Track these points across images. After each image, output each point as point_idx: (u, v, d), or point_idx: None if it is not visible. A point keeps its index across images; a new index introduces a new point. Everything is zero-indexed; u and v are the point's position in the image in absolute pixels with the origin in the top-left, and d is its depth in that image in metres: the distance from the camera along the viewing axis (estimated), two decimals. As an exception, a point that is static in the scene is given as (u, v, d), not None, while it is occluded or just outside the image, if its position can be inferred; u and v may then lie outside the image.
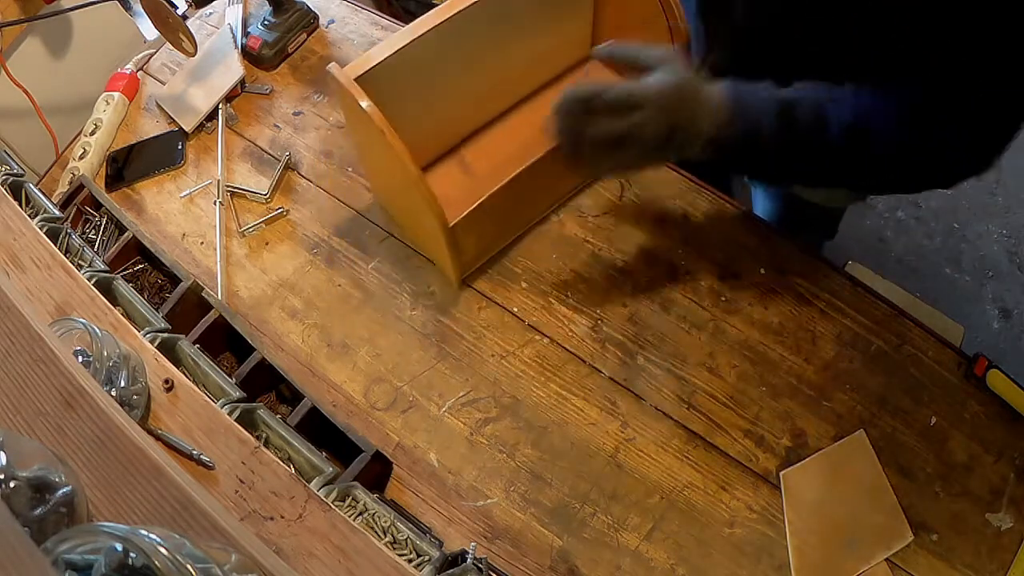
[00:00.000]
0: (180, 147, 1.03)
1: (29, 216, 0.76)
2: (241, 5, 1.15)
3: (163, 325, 0.75)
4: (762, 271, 0.88)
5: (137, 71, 1.11)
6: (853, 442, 0.78)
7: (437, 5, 0.78)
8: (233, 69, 1.06)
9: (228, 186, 0.99)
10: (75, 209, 0.91)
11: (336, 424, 0.74)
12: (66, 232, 0.82)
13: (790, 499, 0.76)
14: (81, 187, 0.92)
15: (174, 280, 0.83)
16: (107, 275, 0.77)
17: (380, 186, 0.95)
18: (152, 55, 1.14)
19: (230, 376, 0.74)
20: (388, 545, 0.64)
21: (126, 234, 0.86)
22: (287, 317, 0.90)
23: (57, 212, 0.84)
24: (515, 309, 0.88)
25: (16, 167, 0.89)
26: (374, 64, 0.75)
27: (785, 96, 0.64)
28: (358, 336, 0.88)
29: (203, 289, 0.83)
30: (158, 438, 0.61)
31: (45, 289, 0.69)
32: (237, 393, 0.71)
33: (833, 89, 0.65)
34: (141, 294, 0.80)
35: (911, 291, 1.62)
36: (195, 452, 0.60)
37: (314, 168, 1.00)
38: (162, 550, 0.38)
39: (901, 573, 0.72)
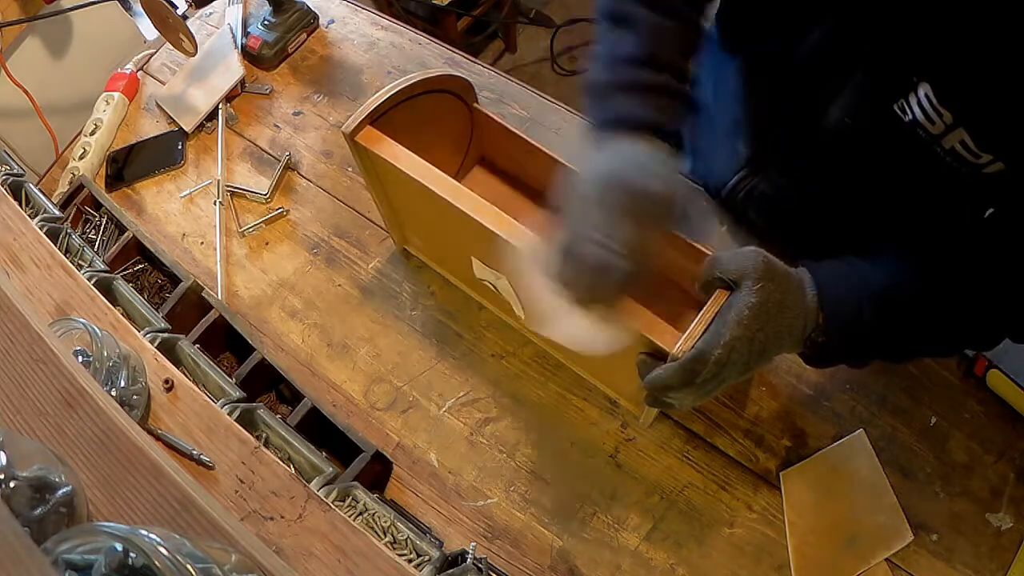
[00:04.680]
0: (180, 147, 1.03)
1: (29, 216, 0.76)
2: (241, 5, 1.15)
3: (163, 325, 0.75)
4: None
5: (137, 71, 1.11)
6: (853, 442, 0.78)
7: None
8: (233, 69, 1.06)
9: (228, 186, 0.99)
10: (75, 209, 0.91)
11: (336, 424, 0.74)
12: (66, 232, 0.82)
13: (790, 499, 0.76)
14: (81, 187, 0.92)
15: (174, 280, 0.83)
16: (107, 275, 0.77)
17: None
18: (152, 55, 1.14)
19: (230, 376, 0.74)
20: (388, 545, 0.64)
21: (126, 234, 0.86)
22: (287, 317, 0.90)
23: (57, 212, 0.84)
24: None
25: (16, 167, 0.89)
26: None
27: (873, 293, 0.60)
28: (358, 336, 0.88)
29: (203, 289, 0.83)
30: (158, 438, 0.61)
31: (45, 289, 0.69)
32: (237, 393, 0.71)
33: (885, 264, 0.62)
34: (141, 294, 0.80)
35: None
36: (195, 452, 0.60)
37: (314, 168, 1.00)
38: (162, 550, 0.38)
39: (901, 573, 0.72)
